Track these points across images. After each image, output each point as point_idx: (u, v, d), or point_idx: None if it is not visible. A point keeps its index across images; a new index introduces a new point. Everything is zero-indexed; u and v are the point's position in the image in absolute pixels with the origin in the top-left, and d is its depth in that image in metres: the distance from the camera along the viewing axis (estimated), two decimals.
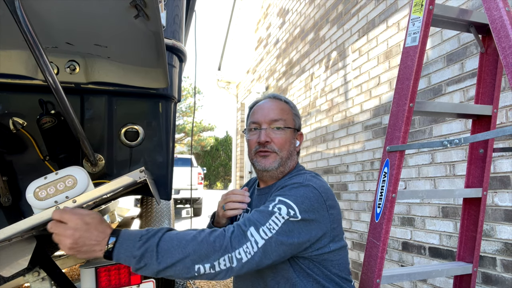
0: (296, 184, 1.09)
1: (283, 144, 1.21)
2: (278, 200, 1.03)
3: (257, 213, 1.02)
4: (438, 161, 2.49)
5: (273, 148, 1.20)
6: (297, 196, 1.04)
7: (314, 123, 4.45)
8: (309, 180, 1.11)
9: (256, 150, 1.23)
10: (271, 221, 0.98)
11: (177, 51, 1.80)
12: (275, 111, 1.24)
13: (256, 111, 1.27)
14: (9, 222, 1.39)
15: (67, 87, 1.45)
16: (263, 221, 0.98)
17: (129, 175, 1.22)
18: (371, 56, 3.33)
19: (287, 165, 1.23)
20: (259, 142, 1.21)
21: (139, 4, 0.97)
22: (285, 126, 1.23)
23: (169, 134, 1.76)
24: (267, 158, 1.20)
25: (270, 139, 1.21)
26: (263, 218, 0.99)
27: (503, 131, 1.01)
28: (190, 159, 6.67)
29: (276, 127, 1.22)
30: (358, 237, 3.45)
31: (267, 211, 1.01)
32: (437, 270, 1.42)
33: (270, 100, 1.29)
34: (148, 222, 3.26)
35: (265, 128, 1.22)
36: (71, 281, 1.80)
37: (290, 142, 1.24)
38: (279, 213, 0.99)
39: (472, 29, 1.42)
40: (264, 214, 1.00)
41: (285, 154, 1.21)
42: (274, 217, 0.99)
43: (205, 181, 26.30)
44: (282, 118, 1.23)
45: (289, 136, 1.24)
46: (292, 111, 1.28)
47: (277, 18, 6.04)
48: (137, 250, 0.92)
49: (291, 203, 1.02)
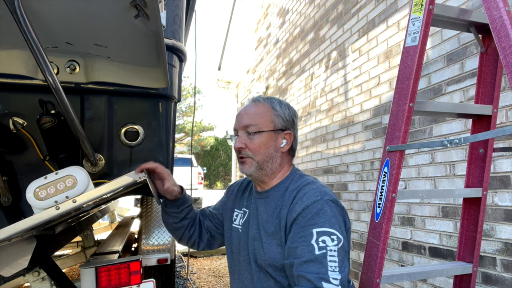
0: (317, 204, 1.08)
1: (257, 149, 1.21)
2: (316, 233, 1.04)
3: (311, 264, 1.02)
4: (438, 161, 2.49)
5: (247, 153, 1.22)
6: (329, 219, 1.06)
7: (314, 123, 4.45)
8: (322, 193, 1.12)
9: (237, 156, 1.27)
10: (330, 263, 1.00)
11: (177, 51, 1.80)
12: (248, 116, 1.24)
13: (236, 117, 1.30)
14: (9, 222, 1.39)
15: (67, 87, 1.45)
16: (325, 269, 0.99)
17: (129, 175, 1.23)
18: (371, 56, 3.33)
19: (268, 167, 1.22)
20: (235, 149, 1.26)
21: (139, 4, 0.97)
22: (258, 130, 1.21)
23: (169, 134, 1.76)
24: (244, 164, 1.23)
25: (244, 145, 1.22)
26: (322, 267, 1.00)
27: (503, 131, 1.01)
28: (190, 159, 6.68)
29: (248, 132, 1.22)
30: (358, 237, 3.46)
31: (318, 255, 1.01)
32: (437, 270, 1.42)
33: (248, 105, 1.29)
34: (148, 222, 3.26)
35: (239, 135, 1.24)
36: (71, 281, 1.80)
37: (267, 144, 1.22)
38: (329, 248, 1.02)
39: (472, 29, 1.42)
40: (319, 261, 1.01)
41: (261, 157, 1.21)
42: (329, 257, 1.01)
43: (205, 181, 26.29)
44: (253, 123, 1.22)
45: (265, 139, 1.22)
46: (273, 111, 1.25)
47: (277, 18, 6.04)
48: None
49: (329, 230, 1.04)
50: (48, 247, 2.04)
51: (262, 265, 1.16)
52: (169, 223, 1.36)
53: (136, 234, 3.99)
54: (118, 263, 1.87)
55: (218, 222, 1.43)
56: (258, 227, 1.21)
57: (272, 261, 1.13)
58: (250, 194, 1.35)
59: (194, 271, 5.31)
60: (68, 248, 4.28)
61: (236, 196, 1.41)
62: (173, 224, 1.35)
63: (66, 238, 2.33)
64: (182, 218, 1.34)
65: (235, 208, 1.37)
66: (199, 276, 5.04)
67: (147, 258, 2.93)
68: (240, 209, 1.35)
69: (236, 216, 1.35)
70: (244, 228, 1.27)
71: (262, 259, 1.16)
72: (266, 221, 1.19)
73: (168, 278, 3.33)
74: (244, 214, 1.31)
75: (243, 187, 1.42)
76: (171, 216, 1.34)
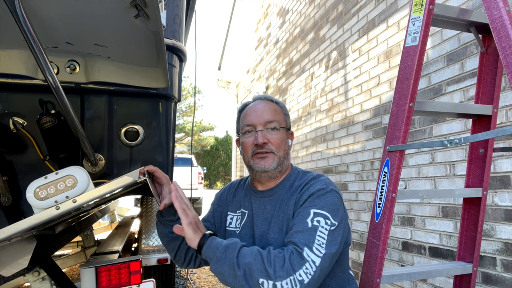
0: (321, 191, 1.13)
1: (280, 144, 1.23)
2: (313, 213, 1.08)
3: (301, 234, 1.05)
4: (438, 161, 2.49)
5: (271, 148, 1.22)
6: (328, 205, 1.10)
7: (314, 122, 4.45)
8: (328, 184, 1.16)
9: (254, 152, 1.24)
10: (318, 237, 1.03)
11: (177, 51, 1.80)
12: (269, 112, 1.25)
13: (249, 113, 1.28)
14: (9, 221, 1.39)
15: (67, 86, 1.45)
16: (312, 240, 1.03)
17: (129, 175, 1.22)
18: (371, 56, 3.33)
19: (284, 164, 1.25)
20: (257, 144, 1.22)
21: (139, 4, 0.97)
22: (280, 126, 1.25)
23: (169, 133, 1.76)
24: (266, 159, 1.22)
25: (267, 140, 1.22)
26: (310, 237, 1.03)
27: (503, 131, 1.01)
28: (190, 158, 6.67)
29: (271, 128, 1.23)
30: (358, 236, 3.46)
31: (309, 228, 1.05)
32: (437, 270, 1.42)
33: (261, 102, 1.30)
34: (148, 222, 3.26)
35: (261, 130, 1.23)
36: (71, 281, 1.79)
37: (285, 141, 1.27)
38: (321, 226, 1.05)
39: (472, 29, 1.42)
40: (309, 233, 1.04)
41: (282, 153, 1.24)
42: (319, 232, 1.04)
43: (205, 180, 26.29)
44: (275, 119, 1.25)
45: (284, 136, 1.26)
46: (283, 111, 1.31)
47: (277, 18, 6.04)
48: (223, 247, 1.05)
49: (326, 213, 1.08)
50: (48, 247, 2.04)
51: None
52: (165, 234, 1.30)
53: (136, 234, 4.00)
54: (118, 263, 1.87)
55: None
56: (267, 224, 1.21)
57: None
58: (246, 195, 1.34)
59: (194, 271, 5.31)
60: (68, 248, 4.28)
61: (227, 200, 1.40)
62: (169, 234, 1.29)
63: (66, 238, 2.33)
64: None
65: (229, 212, 1.36)
66: (199, 276, 5.04)
67: (147, 258, 2.93)
68: (235, 212, 1.34)
69: (231, 219, 1.34)
70: (246, 229, 1.26)
71: None
72: (274, 217, 1.20)
73: (168, 278, 3.33)
74: (243, 216, 1.30)
75: (232, 190, 1.41)
76: (167, 226, 1.29)
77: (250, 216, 1.27)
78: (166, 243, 1.33)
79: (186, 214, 1.10)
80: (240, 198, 1.35)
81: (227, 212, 1.36)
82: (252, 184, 1.32)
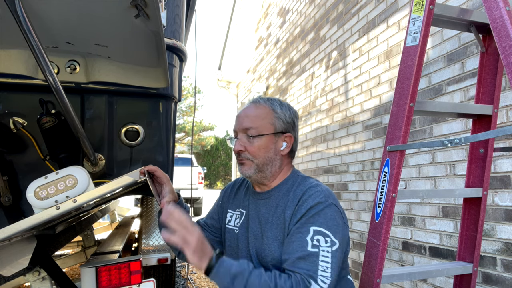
0: (320, 205, 1.10)
1: (256, 152, 1.21)
2: (313, 231, 1.06)
3: (303, 262, 1.03)
4: (438, 161, 2.49)
5: (247, 156, 1.21)
6: (327, 221, 1.08)
7: (315, 122, 4.45)
8: (327, 196, 1.13)
9: (236, 158, 1.27)
10: (321, 263, 1.02)
11: (177, 51, 1.81)
12: (249, 119, 1.23)
13: (235, 118, 1.29)
14: (9, 221, 1.39)
15: (68, 86, 1.45)
16: (315, 269, 1.01)
17: (129, 174, 1.22)
18: (371, 56, 3.33)
19: (267, 170, 1.22)
20: (234, 151, 1.25)
21: (139, 4, 0.97)
22: (258, 134, 1.20)
23: (170, 133, 1.76)
24: (244, 166, 1.23)
25: (243, 148, 1.21)
26: (313, 265, 1.02)
27: (503, 131, 1.01)
28: (191, 158, 6.67)
29: (249, 135, 1.22)
30: (358, 236, 3.46)
31: (311, 253, 1.03)
32: (438, 270, 1.42)
33: (248, 107, 1.28)
34: (148, 221, 3.26)
35: (239, 138, 1.23)
36: (72, 281, 1.80)
37: (267, 148, 1.21)
38: (322, 249, 1.04)
39: (473, 29, 1.42)
40: (311, 259, 1.02)
41: (261, 160, 1.21)
42: (321, 257, 1.03)
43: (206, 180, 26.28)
44: (254, 126, 1.21)
45: (265, 143, 1.21)
46: (273, 114, 1.23)
47: (278, 17, 6.04)
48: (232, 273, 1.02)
49: (326, 231, 1.06)
50: (49, 246, 2.04)
51: (265, 265, 1.16)
52: None
53: (137, 233, 3.99)
54: (118, 262, 1.87)
55: (215, 230, 1.41)
56: (261, 228, 1.20)
57: (275, 261, 1.13)
58: (246, 195, 1.34)
59: (194, 270, 5.31)
60: (69, 248, 4.28)
61: (229, 197, 1.40)
62: None
63: (67, 237, 2.33)
64: None
65: (229, 209, 1.36)
66: (199, 275, 5.04)
67: (147, 257, 2.93)
68: (235, 210, 1.34)
69: (230, 217, 1.34)
70: (242, 229, 1.26)
71: (265, 259, 1.16)
72: (269, 221, 1.19)
73: (169, 277, 3.33)
74: (241, 215, 1.30)
75: (236, 188, 1.41)
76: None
77: (246, 216, 1.27)
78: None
79: (187, 244, 0.99)
80: (240, 197, 1.35)
81: (228, 209, 1.37)
82: (252, 185, 1.33)
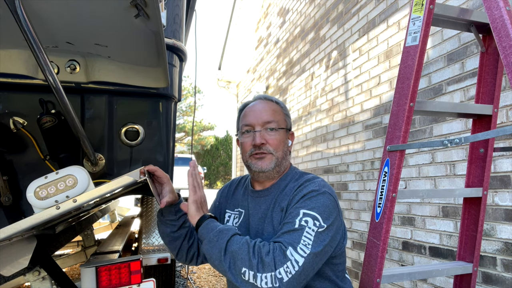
0: (313, 192, 1.11)
1: (278, 145, 1.22)
2: (303, 213, 1.06)
3: (287, 234, 1.04)
4: (438, 161, 2.49)
5: (269, 149, 1.21)
6: (318, 206, 1.08)
7: (315, 122, 4.45)
8: (322, 186, 1.14)
9: (252, 152, 1.23)
10: (304, 237, 1.02)
11: (177, 51, 1.81)
12: (268, 112, 1.24)
13: (248, 113, 1.28)
14: (9, 221, 1.39)
15: (68, 86, 1.45)
16: (298, 240, 1.02)
17: (129, 174, 1.22)
18: (371, 56, 3.33)
19: (282, 165, 1.25)
20: (255, 145, 1.22)
21: (139, 4, 0.97)
22: (279, 127, 1.23)
23: (170, 133, 1.76)
24: (263, 160, 1.21)
25: (265, 140, 1.21)
26: (296, 237, 1.02)
27: (503, 131, 1.01)
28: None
29: (269, 128, 1.22)
30: (358, 236, 3.46)
31: (296, 228, 1.04)
32: (438, 270, 1.42)
33: (261, 102, 1.29)
34: (148, 221, 3.26)
35: (259, 130, 1.22)
36: (72, 281, 1.80)
37: (284, 142, 1.25)
38: (308, 227, 1.04)
39: (473, 29, 1.42)
40: (295, 233, 1.03)
41: (280, 154, 1.23)
42: (305, 233, 1.03)
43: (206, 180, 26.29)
44: (274, 119, 1.23)
45: (283, 137, 1.25)
46: (283, 112, 1.29)
47: (278, 17, 6.03)
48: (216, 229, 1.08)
49: (315, 214, 1.06)
50: (49, 246, 2.04)
51: None
52: (167, 233, 1.30)
53: (137, 233, 4.00)
54: (118, 262, 1.87)
55: None
56: (262, 224, 1.21)
57: None
58: (244, 194, 1.34)
59: (194, 270, 5.31)
60: (69, 248, 4.28)
61: (227, 197, 1.40)
62: (171, 234, 1.30)
63: (67, 237, 2.33)
64: (179, 226, 1.29)
65: (227, 209, 1.36)
66: (199, 275, 5.04)
67: (147, 257, 2.93)
68: (233, 210, 1.34)
69: (228, 217, 1.34)
70: (242, 229, 1.26)
71: None
72: (268, 217, 1.20)
73: (169, 277, 3.34)
74: (240, 215, 1.30)
75: (233, 188, 1.41)
76: (168, 225, 1.29)
77: (246, 216, 1.27)
78: (167, 243, 1.33)
79: (194, 191, 1.16)
80: (238, 197, 1.35)
81: (226, 210, 1.37)
82: (251, 184, 1.33)
